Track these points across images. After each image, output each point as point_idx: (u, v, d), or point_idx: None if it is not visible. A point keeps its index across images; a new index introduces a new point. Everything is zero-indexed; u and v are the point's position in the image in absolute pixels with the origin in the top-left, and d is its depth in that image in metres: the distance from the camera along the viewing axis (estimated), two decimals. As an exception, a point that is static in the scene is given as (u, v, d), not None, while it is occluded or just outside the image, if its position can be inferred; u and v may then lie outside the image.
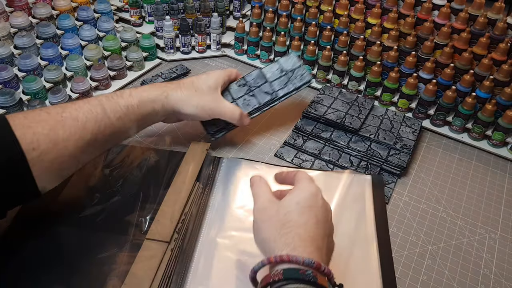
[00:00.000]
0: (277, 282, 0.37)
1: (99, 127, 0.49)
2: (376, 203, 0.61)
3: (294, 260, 0.37)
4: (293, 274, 0.37)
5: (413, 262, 0.57)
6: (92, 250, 0.50)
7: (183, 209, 0.54)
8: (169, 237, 0.50)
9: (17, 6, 0.86)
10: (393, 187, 0.67)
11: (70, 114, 0.47)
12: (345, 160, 0.70)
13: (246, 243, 0.53)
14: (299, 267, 0.37)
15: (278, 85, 0.69)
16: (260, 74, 0.70)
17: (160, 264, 0.47)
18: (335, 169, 0.69)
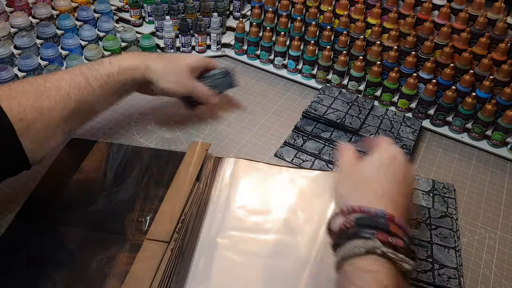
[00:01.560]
0: (350, 228, 0.38)
1: (82, 95, 0.50)
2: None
3: (365, 210, 0.39)
4: (365, 220, 0.38)
5: (413, 262, 0.57)
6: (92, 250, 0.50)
7: (183, 209, 0.54)
8: (169, 237, 0.50)
9: (17, 6, 0.86)
10: (393, 187, 0.67)
11: (52, 84, 0.48)
12: (345, 160, 0.70)
13: (247, 243, 0.53)
14: (371, 216, 0.38)
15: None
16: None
17: (160, 264, 0.47)
18: (335, 169, 0.69)
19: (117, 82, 0.55)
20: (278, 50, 0.91)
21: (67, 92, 0.49)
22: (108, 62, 0.55)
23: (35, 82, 0.48)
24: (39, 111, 0.46)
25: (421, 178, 0.69)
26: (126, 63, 0.56)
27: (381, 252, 0.36)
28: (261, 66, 0.95)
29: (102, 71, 0.53)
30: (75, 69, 0.52)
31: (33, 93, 0.46)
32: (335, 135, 0.74)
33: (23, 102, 0.45)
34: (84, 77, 0.51)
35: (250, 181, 0.62)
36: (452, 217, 0.62)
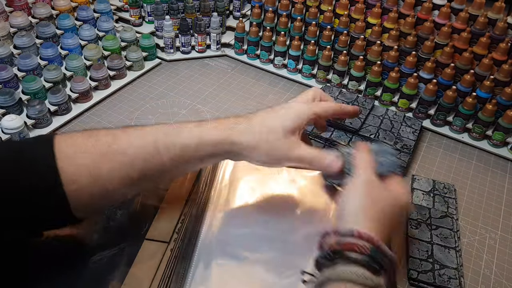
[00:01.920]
0: (361, 254, 0.38)
1: (148, 166, 0.43)
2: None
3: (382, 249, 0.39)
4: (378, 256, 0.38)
5: (413, 262, 0.57)
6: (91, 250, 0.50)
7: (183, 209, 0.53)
8: (168, 237, 0.49)
9: (17, 6, 0.86)
10: (393, 187, 0.67)
11: (119, 147, 0.43)
12: (345, 160, 0.70)
13: (247, 243, 0.53)
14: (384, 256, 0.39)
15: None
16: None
17: (160, 265, 0.47)
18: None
19: (192, 157, 0.45)
20: (278, 50, 0.91)
21: (132, 160, 0.43)
22: (189, 130, 0.45)
23: (103, 139, 0.43)
24: (95, 175, 0.41)
25: (421, 178, 0.69)
26: (207, 137, 0.45)
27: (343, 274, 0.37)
28: (261, 66, 0.95)
29: (178, 141, 0.44)
30: (149, 132, 0.44)
31: (95, 154, 0.42)
32: (335, 135, 0.73)
33: (80, 163, 0.41)
34: (155, 146, 0.43)
35: (250, 181, 0.61)
36: (453, 217, 0.62)
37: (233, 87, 0.89)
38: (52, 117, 0.76)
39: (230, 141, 0.45)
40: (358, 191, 0.43)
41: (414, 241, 0.58)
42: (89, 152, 0.42)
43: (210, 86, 0.89)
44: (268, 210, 0.57)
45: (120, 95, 0.85)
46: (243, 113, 0.49)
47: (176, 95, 0.85)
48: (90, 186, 0.41)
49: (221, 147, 0.45)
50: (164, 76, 0.91)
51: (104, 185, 0.42)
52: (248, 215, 0.57)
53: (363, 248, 0.38)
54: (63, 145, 0.41)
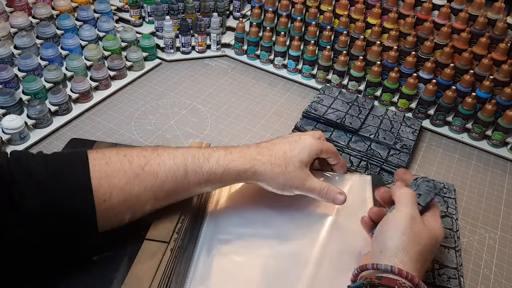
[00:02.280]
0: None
1: (176, 188, 0.47)
2: (376, 203, 0.61)
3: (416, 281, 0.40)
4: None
5: (413, 262, 0.57)
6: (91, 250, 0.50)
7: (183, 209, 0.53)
8: (168, 237, 0.50)
9: (17, 6, 0.86)
10: (393, 187, 0.67)
11: (151, 169, 0.45)
12: (345, 160, 0.70)
13: (246, 243, 0.53)
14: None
15: None
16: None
17: (160, 264, 0.47)
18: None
19: (217, 181, 0.49)
20: (278, 50, 0.91)
21: (163, 181, 0.46)
22: (216, 160, 0.48)
23: (136, 161, 0.45)
24: (126, 195, 0.44)
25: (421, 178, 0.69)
26: (233, 167, 0.49)
27: None
28: (261, 66, 0.95)
29: (205, 168, 0.48)
30: (179, 156, 0.47)
31: (128, 175, 0.44)
32: (335, 135, 0.73)
33: (114, 183, 0.43)
34: (184, 170, 0.47)
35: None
36: (452, 217, 0.62)
37: (233, 87, 0.89)
38: (52, 117, 0.76)
39: (253, 171, 0.49)
40: (400, 227, 0.45)
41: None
42: (123, 172, 0.44)
43: (210, 86, 0.89)
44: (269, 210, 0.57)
45: (120, 95, 0.85)
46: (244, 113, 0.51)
47: (176, 95, 0.85)
48: (119, 206, 0.44)
49: (244, 175, 0.49)
50: (164, 76, 0.91)
51: (132, 203, 0.45)
52: (249, 215, 0.57)
53: (403, 286, 0.39)
54: (97, 163, 0.43)
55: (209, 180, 0.48)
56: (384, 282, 0.40)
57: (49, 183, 0.41)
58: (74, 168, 0.43)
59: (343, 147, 0.72)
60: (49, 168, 0.42)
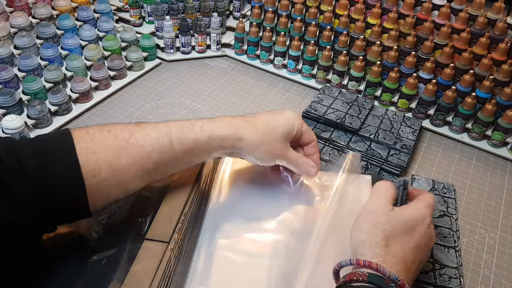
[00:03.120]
0: (360, 281, 0.40)
1: (163, 158, 0.47)
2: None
3: (381, 270, 0.40)
4: (377, 280, 0.39)
5: (413, 262, 0.57)
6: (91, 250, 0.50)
7: (183, 209, 0.53)
8: (168, 237, 0.50)
9: (17, 6, 0.86)
10: (393, 187, 0.67)
11: (136, 141, 0.46)
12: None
13: (246, 243, 0.53)
14: (384, 277, 0.39)
15: None
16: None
17: (160, 264, 0.47)
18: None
19: (203, 150, 0.50)
20: (278, 50, 0.91)
21: (148, 152, 0.46)
22: (200, 127, 0.49)
23: (120, 135, 0.46)
24: (115, 169, 0.44)
25: (421, 178, 0.69)
26: (217, 132, 0.49)
27: None
28: (261, 66, 0.95)
29: (190, 136, 0.48)
30: (163, 127, 0.48)
31: (114, 149, 0.44)
32: (335, 135, 0.73)
33: (101, 158, 0.43)
34: (169, 139, 0.47)
35: (250, 181, 0.61)
36: (452, 217, 0.62)
37: (233, 87, 0.89)
38: (52, 117, 0.76)
39: (238, 137, 0.50)
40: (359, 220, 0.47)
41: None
42: (109, 146, 0.44)
43: (210, 86, 0.89)
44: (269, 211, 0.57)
45: (120, 95, 0.85)
46: (244, 113, 0.52)
47: (176, 95, 0.85)
48: (109, 180, 0.44)
49: (229, 142, 0.50)
50: (164, 76, 0.91)
51: (121, 177, 0.45)
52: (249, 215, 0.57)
53: (360, 276, 0.40)
54: (82, 141, 0.43)
55: (195, 148, 0.49)
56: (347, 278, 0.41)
57: (37, 166, 0.41)
58: (60, 147, 0.43)
59: (343, 147, 0.72)
60: (36, 152, 0.42)
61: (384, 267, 0.40)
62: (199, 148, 0.49)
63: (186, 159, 0.49)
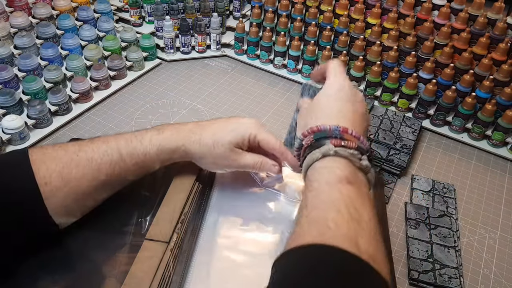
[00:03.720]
0: (310, 146, 0.42)
1: (114, 169, 0.48)
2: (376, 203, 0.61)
3: (322, 128, 0.42)
4: (322, 135, 0.42)
5: (413, 262, 0.57)
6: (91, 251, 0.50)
7: (183, 209, 0.53)
8: (168, 237, 0.50)
9: (17, 6, 0.86)
10: (393, 187, 0.67)
11: (85, 154, 0.48)
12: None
13: (246, 243, 0.53)
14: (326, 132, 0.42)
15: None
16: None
17: (160, 265, 0.47)
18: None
19: (154, 161, 0.51)
20: (278, 50, 0.91)
21: (98, 164, 0.47)
22: (149, 139, 0.50)
23: (70, 149, 0.48)
24: (65, 179, 0.45)
25: (421, 178, 0.69)
26: (166, 144, 0.51)
27: (334, 152, 0.40)
28: (261, 66, 0.95)
29: (140, 149, 0.50)
30: (113, 141, 0.50)
31: (64, 160, 0.46)
32: (335, 135, 0.73)
33: (51, 167, 0.45)
34: (119, 153, 0.49)
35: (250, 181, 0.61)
36: (452, 217, 0.62)
37: (233, 87, 0.89)
38: (52, 117, 0.76)
39: (184, 149, 0.52)
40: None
41: (414, 241, 0.58)
42: (59, 158, 0.47)
43: (210, 86, 0.89)
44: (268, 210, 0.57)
45: (120, 95, 0.85)
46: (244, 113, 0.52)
47: (176, 95, 0.85)
48: (62, 188, 0.45)
49: (177, 153, 0.52)
50: (164, 76, 0.91)
51: (74, 188, 0.46)
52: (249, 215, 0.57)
53: (309, 141, 0.42)
54: (35, 153, 0.46)
55: (145, 160, 0.50)
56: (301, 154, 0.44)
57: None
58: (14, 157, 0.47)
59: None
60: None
61: (323, 124, 0.42)
62: (149, 160, 0.50)
63: (138, 170, 0.51)
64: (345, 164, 0.40)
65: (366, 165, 0.41)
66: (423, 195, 0.66)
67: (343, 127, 0.42)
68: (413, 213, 0.62)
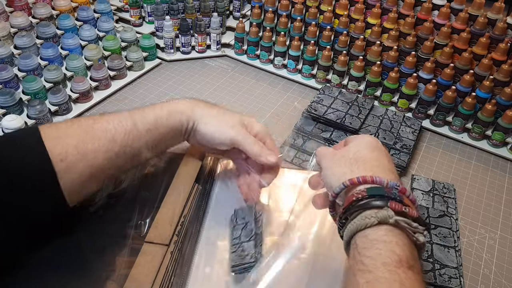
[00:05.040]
0: (361, 200, 0.36)
1: (128, 139, 0.48)
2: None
3: (378, 181, 0.37)
4: (377, 191, 0.36)
5: (413, 262, 0.57)
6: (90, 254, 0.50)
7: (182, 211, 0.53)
8: (168, 240, 0.49)
9: (17, 6, 0.86)
10: (393, 187, 0.67)
11: (100, 125, 0.47)
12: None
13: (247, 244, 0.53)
14: (383, 187, 0.37)
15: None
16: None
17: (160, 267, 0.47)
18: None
19: (165, 126, 0.51)
20: (278, 50, 0.91)
21: (113, 134, 0.47)
22: (160, 107, 0.52)
23: (84, 123, 0.47)
24: (82, 153, 0.44)
25: (421, 178, 0.69)
26: (175, 107, 0.52)
27: (394, 221, 0.34)
28: (261, 66, 0.95)
29: (151, 114, 0.51)
30: (125, 112, 0.50)
31: (79, 134, 0.45)
32: (335, 135, 0.73)
33: (67, 143, 0.44)
34: (132, 121, 0.49)
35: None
36: (452, 217, 0.62)
37: (233, 87, 0.89)
38: (52, 117, 0.76)
39: (192, 109, 0.53)
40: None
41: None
42: (74, 133, 0.46)
43: (210, 86, 0.89)
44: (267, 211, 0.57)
45: (120, 95, 0.85)
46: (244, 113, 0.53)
47: (176, 95, 0.85)
48: (78, 163, 0.44)
49: (185, 114, 0.52)
50: (164, 76, 0.91)
51: (90, 161, 0.45)
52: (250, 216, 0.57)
53: (359, 194, 0.37)
54: (48, 129, 0.45)
55: (157, 126, 0.50)
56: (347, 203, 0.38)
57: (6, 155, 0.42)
58: (27, 136, 0.45)
59: (343, 147, 0.72)
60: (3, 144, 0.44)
61: (379, 177, 0.37)
62: (161, 125, 0.51)
63: (153, 139, 0.50)
64: (404, 240, 0.34)
65: (423, 242, 0.36)
66: (423, 195, 0.66)
67: (401, 186, 0.37)
68: None
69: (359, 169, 0.40)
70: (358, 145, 0.44)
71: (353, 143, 0.45)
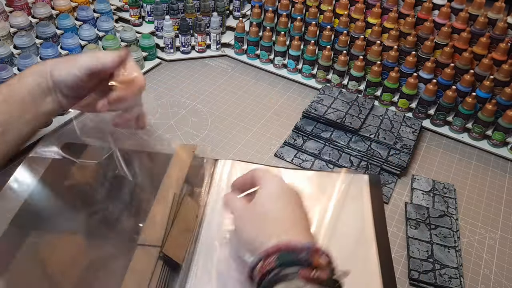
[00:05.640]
0: (272, 270, 0.36)
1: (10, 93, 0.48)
2: (374, 202, 0.61)
3: (291, 247, 0.37)
4: (286, 258, 0.36)
5: (413, 262, 0.57)
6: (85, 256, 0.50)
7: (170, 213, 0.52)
8: (160, 241, 0.49)
9: (17, 6, 0.86)
10: (393, 187, 0.67)
11: None
12: (345, 160, 0.70)
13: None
14: (294, 251, 0.37)
15: None
16: None
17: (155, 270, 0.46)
18: (335, 169, 0.68)
19: (19, 89, 0.49)
20: (278, 49, 0.91)
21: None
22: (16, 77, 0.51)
23: None
24: None
25: (421, 178, 0.69)
26: (26, 69, 0.51)
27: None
28: (261, 66, 0.95)
29: (3, 84, 0.50)
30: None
31: None
32: (335, 135, 0.73)
33: None
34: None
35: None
36: (452, 217, 0.62)
37: (233, 87, 0.89)
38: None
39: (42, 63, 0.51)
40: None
41: (414, 241, 0.58)
42: None
43: (210, 86, 0.89)
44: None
45: (120, 95, 0.85)
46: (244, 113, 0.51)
47: (176, 95, 0.85)
48: None
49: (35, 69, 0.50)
50: (164, 76, 0.91)
51: None
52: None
53: (268, 266, 0.37)
54: None
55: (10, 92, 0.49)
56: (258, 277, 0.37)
57: None
58: None
59: (343, 147, 0.72)
60: None
61: (292, 241, 0.37)
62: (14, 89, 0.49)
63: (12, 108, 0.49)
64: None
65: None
66: (423, 195, 0.66)
67: (313, 247, 0.37)
68: (413, 213, 0.62)
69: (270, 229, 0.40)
70: (262, 198, 0.43)
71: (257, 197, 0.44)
